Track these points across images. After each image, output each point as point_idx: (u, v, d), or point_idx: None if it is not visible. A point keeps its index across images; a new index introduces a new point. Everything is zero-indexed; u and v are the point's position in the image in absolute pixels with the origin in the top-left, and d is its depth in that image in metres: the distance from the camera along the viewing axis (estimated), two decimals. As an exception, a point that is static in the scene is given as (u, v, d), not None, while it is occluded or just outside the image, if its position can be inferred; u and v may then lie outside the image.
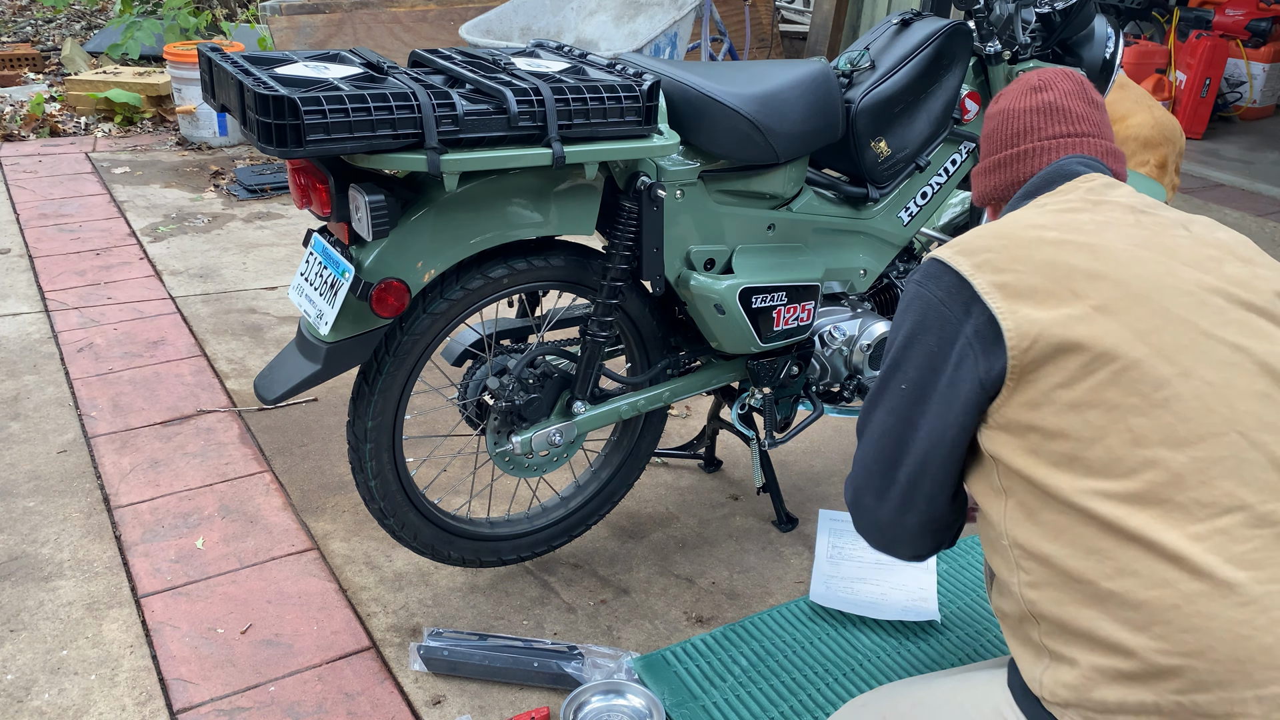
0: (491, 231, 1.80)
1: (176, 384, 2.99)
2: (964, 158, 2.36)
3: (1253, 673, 1.10)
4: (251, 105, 1.52)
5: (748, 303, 2.04)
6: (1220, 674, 1.11)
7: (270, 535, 2.34)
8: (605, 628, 2.09)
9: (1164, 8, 5.87)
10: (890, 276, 2.43)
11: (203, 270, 3.82)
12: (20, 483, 2.50)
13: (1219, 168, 5.24)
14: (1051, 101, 1.49)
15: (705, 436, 2.62)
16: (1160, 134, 3.50)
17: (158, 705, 1.86)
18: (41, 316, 3.39)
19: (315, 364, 1.76)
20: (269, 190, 4.73)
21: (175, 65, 5.18)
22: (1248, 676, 1.10)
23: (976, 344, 1.26)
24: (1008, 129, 1.52)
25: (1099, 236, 1.28)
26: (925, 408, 1.32)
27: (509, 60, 1.83)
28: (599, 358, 1.99)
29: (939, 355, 1.30)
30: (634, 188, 1.87)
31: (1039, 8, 2.33)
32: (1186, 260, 1.26)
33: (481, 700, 1.90)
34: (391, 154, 1.58)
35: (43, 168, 4.91)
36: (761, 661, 1.97)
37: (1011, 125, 1.51)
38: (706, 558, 2.31)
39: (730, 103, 1.90)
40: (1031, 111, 1.50)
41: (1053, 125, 1.48)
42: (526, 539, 2.17)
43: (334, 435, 2.75)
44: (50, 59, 7.14)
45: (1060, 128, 1.48)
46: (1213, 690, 1.11)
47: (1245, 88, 6.09)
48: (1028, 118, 1.50)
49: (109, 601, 2.11)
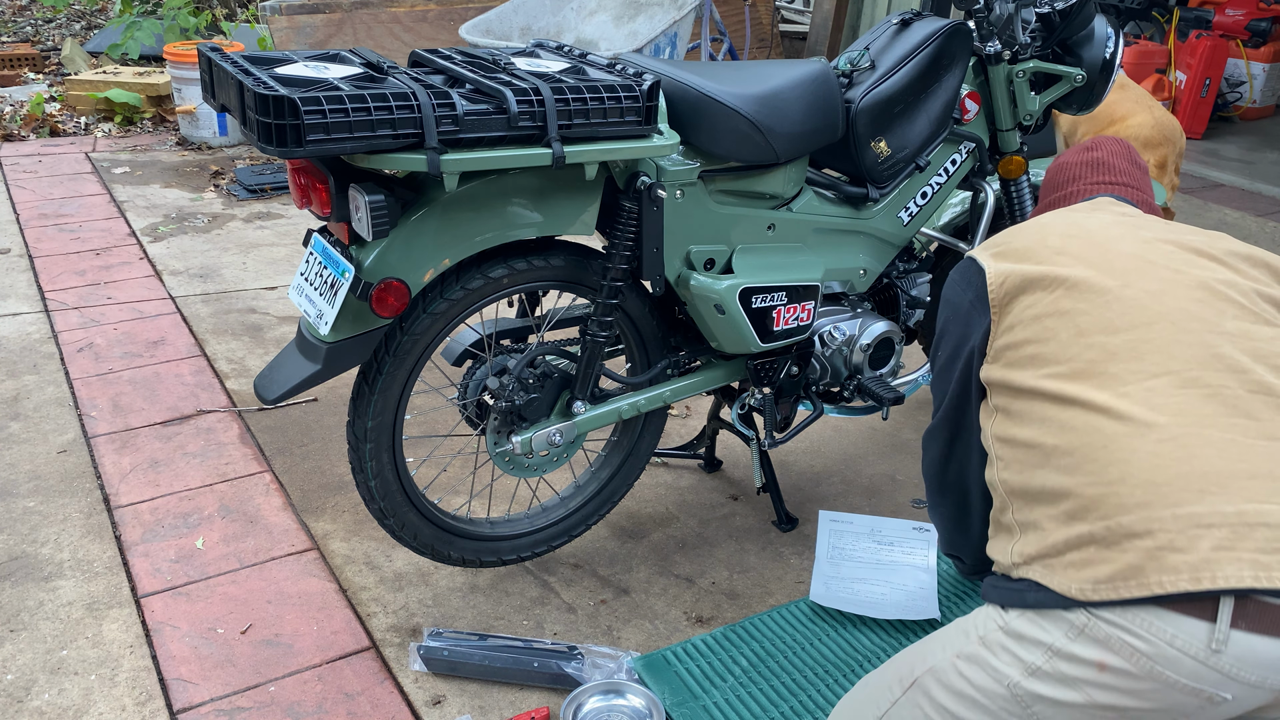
0: (491, 231, 1.80)
1: (176, 384, 2.99)
2: (964, 158, 2.36)
3: (1169, 494, 1.27)
4: (251, 105, 1.52)
5: (748, 303, 2.04)
6: (1140, 496, 1.28)
7: (270, 535, 2.34)
8: (605, 628, 2.09)
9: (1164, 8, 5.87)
10: (890, 276, 2.43)
11: (203, 270, 3.82)
12: (20, 483, 2.50)
13: (1219, 168, 5.24)
14: (1099, 158, 1.80)
15: (705, 436, 2.62)
16: (1160, 134, 3.50)
17: (158, 705, 1.86)
18: (41, 316, 3.39)
19: (315, 364, 1.76)
20: (269, 190, 4.73)
21: (175, 65, 5.19)
22: (1164, 498, 1.27)
23: (977, 304, 1.57)
24: (1059, 177, 1.85)
25: (1084, 222, 1.58)
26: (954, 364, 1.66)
27: (509, 60, 1.83)
28: (599, 358, 1.99)
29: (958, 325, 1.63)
30: (634, 188, 1.87)
31: (1039, 8, 2.33)
32: (1149, 227, 1.55)
33: (481, 700, 1.90)
34: (391, 154, 1.58)
35: (43, 168, 4.91)
36: (762, 662, 1.97)
37: (1063, 174, 1.84)
38: (706, 558, 2.31)
39: (730, 103, 1.90)
40: (1080, 165, 1.82)
41: (1096, 174, 1.79)
42: (526, 539, 2.17)
43: (334, 435, 2.75)
44: (50, 59, 7.14)
45: (1102, 177, 1.79)
46: (1134, 511, 1.28)
47: (1245, 88, 6.09)
48: (1076, 169, 1.82)
49: (109, 601, 2.11)
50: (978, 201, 2.45)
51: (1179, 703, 1.27)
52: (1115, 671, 1.28)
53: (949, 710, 1.42)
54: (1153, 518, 1.27)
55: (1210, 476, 1.27)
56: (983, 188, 2.43)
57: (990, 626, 1.41)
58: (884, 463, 2.72)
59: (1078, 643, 1.30)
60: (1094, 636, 1.29)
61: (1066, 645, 1.31)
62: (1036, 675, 1.33)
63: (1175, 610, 1.24)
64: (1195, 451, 1.29)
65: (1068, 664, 1.31)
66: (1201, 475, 1.28)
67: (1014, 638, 1.37)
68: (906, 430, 2.89)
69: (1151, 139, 3.50)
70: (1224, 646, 1.23)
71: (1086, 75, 2.36)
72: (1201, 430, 1.31)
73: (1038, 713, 1.34)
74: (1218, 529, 1.24)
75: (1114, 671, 1.28)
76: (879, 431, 2.88)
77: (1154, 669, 1.25)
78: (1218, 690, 1.25)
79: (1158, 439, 1.31)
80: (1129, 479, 1.30)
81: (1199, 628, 1.23)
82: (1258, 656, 1.23)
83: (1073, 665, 1.30)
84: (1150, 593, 1.24)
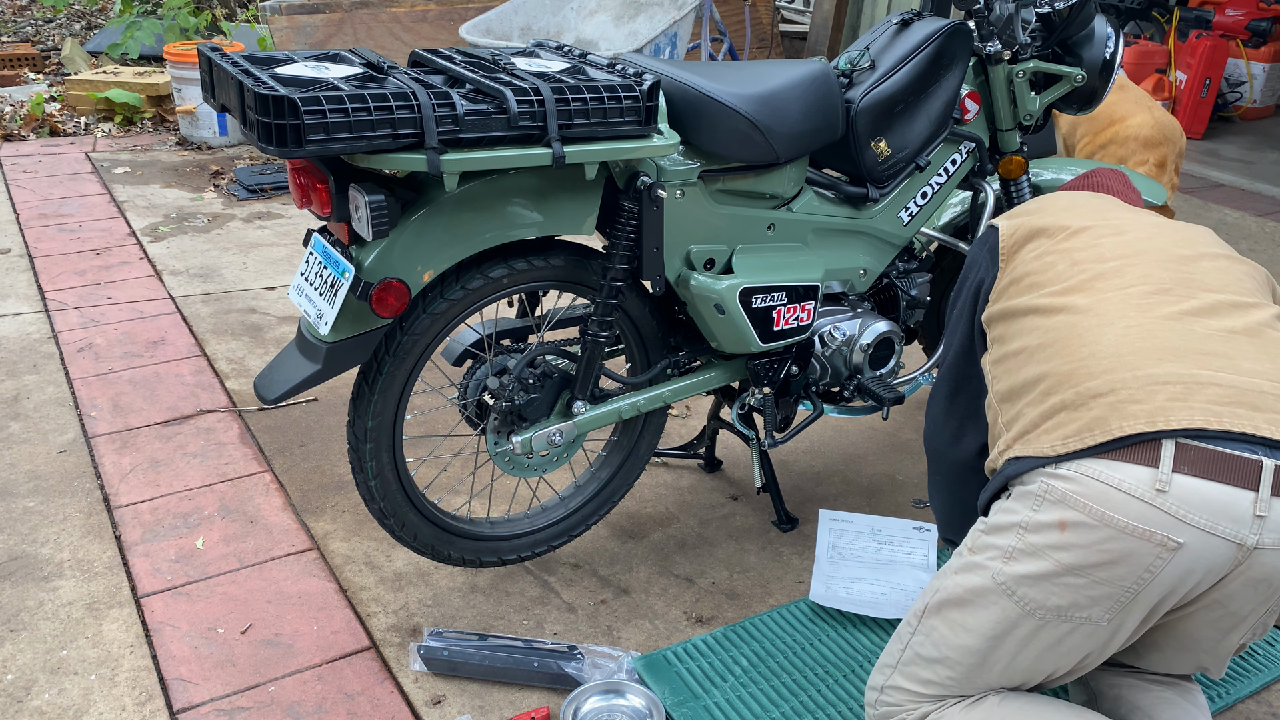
0: (491, 231, 1.80)
1: (176, 384, 2.99)
2: (964, 158, 2.36)
3: (1131, 361, 1.43)
4: (251, 105, 1.52)
5: (748, 303, 2.04)
6: (1105, 365, 1.44)
7: (270, 535, 2.34)
8: (605, 628, 2.09)
9: (1164, 8, 5.87)
10: (890, 276, 2.43)
11: (203, 270, 3.82)
12: (20, 483, 2.50)
13: (1219, 168, 5.24)
14: (1098, 181, 1.96)
15: (705, 436, 2.62)
16: (1160, 134, 3.50)
17: (158, 705, 1.86)
18: (41, 316, 3.39)
19: (315, 364, 1.76)
20: (269, 190, 4.73)
21: (175, 65, 5.19)
22: (1126, 364, 1.43)
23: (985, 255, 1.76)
24: None
25: (1087, 202, 1.75)
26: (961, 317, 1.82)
27: (509, 60, 1.83)
28: (599, 358, 1.99)
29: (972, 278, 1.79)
30: (634, 188, 1.87)
31: (1039, 8, 2.33)
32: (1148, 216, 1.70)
33: (481, 700, 1.90)
34: (391, 154, 1.58)
35: (43, 168, 4.91)
36: (762, 662, 1.97)
37: None
38: (706, 558, 2.31)
39: (730, 103, 1.90)
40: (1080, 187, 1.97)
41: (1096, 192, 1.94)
42: (526, 539, 2.17)
43: (334, 435, 2.75)
44: (50, 59, 7.14)
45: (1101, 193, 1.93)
46: (1100, 377, 1.43)
47: (1245, 88, 6.09)
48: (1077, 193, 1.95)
49: (109, 601, 2.11)
50: (978, 201, 2.45)
51: (1136, 550, 1.36)
52: (1074, 527, 1.39)
53: (958, 623, 1.52)
54: (1116, 379, 1.42)
55: (1169, 350, 1.43)
56: (983, 188, 2.44)
57: (974, 534, 1.54)
58: (884, 463, 2.72)
59: (1041, 510, 1.42)
60: (1053, 499, 1.41)
61: (1032, 516, 1.43)
62: (1013, 557, 1.45)
63: (1122, 459, 1.38)
64: (1157, 332, 1.45)
65: (1035, 534, 1.43)
66: (1161, 348, 1.43)
67: (991, 531, 1.50)
68: (906, 430, 2.89)
69: (1151, 139, 3.50)
70: (1168, 487, 1.35)
71: (1086, 75, 2.36)
72: (1167, 322, 1.47)
73: (1023, 596, 1.44)
74: (1173, 385, 1.39)
75: (1073, 528, 1.39)
76: (879, 431, 2.88)
77: (1105, 514, 1.37)
78: (1169, 535, 1.35)
79: (1125, 325, 1.47)
80: (1098, 354, 1.46)
81: (1143, 472, 1.36)
82: (1203, 498, 1.34)
83: (1040, 534, 1.42)
84: (1111, 436, 1.38)
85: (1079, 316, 1.52)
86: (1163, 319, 1.47)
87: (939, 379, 1.88)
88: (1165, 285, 1.52)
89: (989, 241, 1.77)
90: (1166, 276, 1.53)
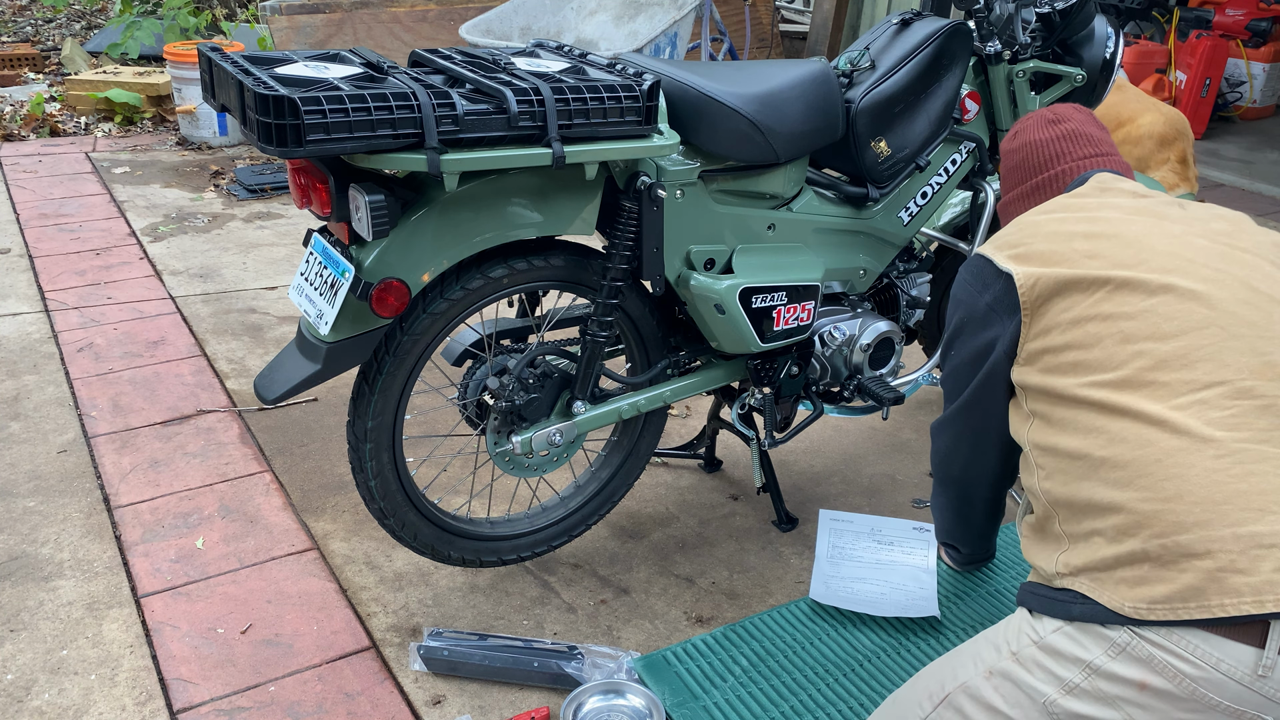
0: (491, 231, 1.80)
1: (176, 384, 2.99)
2: (964, 157, 2.36)
3: (1228, 513, 1.23)
4: (251, 105, 1.52)
5: (748, 303, 2.04)
6: (1198, 515, 1.24)
7: (270, 535, 2.34)
8: (605, 628, 2.09)
9: (1164, 8, 5.87)
10: (890, 276, 2.43)
11: (203, 270, 3.82)
12: (20, 483, 2.50)
13: (1219, 168, 5.24)
14: (1073, 129, 1.71)
15: (705, 436, 2.62)
16: (1174, 129, 3.51)
17: (158, 705, 1.86)
18: (41, 316, 3.39)
19: (315, 364, 1.76)
20: (269, 190, 4.73)
21: (175, 65, 5.18)
22: (1224, 516, 1.23)
23: (999, 306, 1.52)
24: (1036, 157, 1.73)
25: (1099, 211, 1.52)
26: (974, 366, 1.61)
27: (509, 60, 1.83)
28: (599, 358, 1.99)
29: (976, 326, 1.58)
30: (634, 188, 1.87)
31: (1039, 8, 2.33)
32: (1176, 220, 1.49)
33: (481, 700, 1.90)
34: (391, 154, 1.58)
35: (43, 168, 4.91)
36: (762, 661, 1.97)
37: (1040, 154, 1.73)
38: (706, 558, 2.31)
39: (730, 103, 1.90)
40: (1057, 139, 1.72)
41: (1080, 148, 1.70)
42: (526, 539, 2.17)
43: (334, 435, 2.75)
44: (50, 59, 7.14)
45: (1086, 149, 1.70)
46: (1192, 530, 1.24)
47: (1245, 88, 6.09)
48: (1055, 145, 1.71)
49: (109, 601, 2.11)
50: (978, 201, 2.45)
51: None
52: (1156, 692, 1.26)
53: None
54: (1212, 537, 1.23)
55: (1270, 495, 1.23)
56: (983, 188, 2.44)
57: (1024, 641, 1.38)
58: (884, 463, 2.72)
59: (1118, 661, 1.28)
60: (1136, 656, 1.26)
61: (1107, 664, 1.29)
62: (1074, 693, 1.32)
63: (1222, 634, 1.22)
64: (1252, 468, 1.25)
65: (1107, 683, 1.29)
66: (1261, 493, 1.24)
67: (1050, 654, 1.34)
68: (906, 430, 2.89)
69: (1166, 135, 3.50)
70: (1271, 672, 1.21)
71: (1086, 75, 2.37)
72: (1258, 445, 1.27)
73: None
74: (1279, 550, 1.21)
75: (1155, 692, 1.26)
76: (879, 431, 2.88)
77: (1197, 691, 1.24)
78: (1260, 713, 1.23)
79: (1214, 454, 1.26)
80: (1185, 496, 1.26)
81: (1246, 653, 1.21)
82: None
83: (1112, 684, 1.29)
84: (1212, 615, 1.21)
85: (1150, 430, 1.31)
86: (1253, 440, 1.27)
87: (946, 419, 1.74)
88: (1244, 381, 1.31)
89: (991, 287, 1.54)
90: (1243, 365, 1.31)
